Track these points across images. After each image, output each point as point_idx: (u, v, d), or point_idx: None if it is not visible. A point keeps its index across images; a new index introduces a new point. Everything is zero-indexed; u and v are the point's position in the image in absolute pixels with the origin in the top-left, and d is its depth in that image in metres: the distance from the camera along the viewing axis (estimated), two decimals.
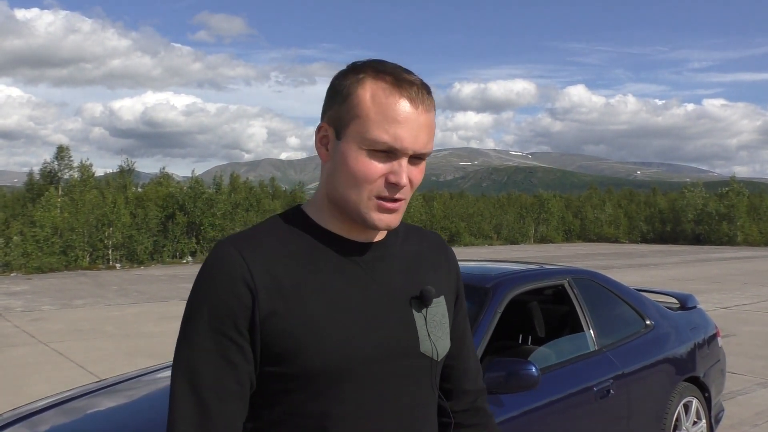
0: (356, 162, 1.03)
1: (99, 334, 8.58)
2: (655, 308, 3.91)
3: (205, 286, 1.05)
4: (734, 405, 5.33)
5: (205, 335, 1.03)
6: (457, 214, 35.04)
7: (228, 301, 1.02)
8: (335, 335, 1.04)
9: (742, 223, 36.71)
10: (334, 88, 1.07)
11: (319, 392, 1.04)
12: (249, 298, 1.02)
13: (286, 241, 1.09)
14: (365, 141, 1.02)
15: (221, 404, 1.02)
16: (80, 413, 2.77)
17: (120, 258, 20.40)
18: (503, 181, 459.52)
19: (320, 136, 1.09)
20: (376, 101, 1.02)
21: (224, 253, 1.04)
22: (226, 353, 1.02)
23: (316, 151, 1.13)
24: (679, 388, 3.68)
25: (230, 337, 1.02)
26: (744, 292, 13.25)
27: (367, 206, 1.05)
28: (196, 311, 1.04)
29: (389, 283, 1.12)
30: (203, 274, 1.06)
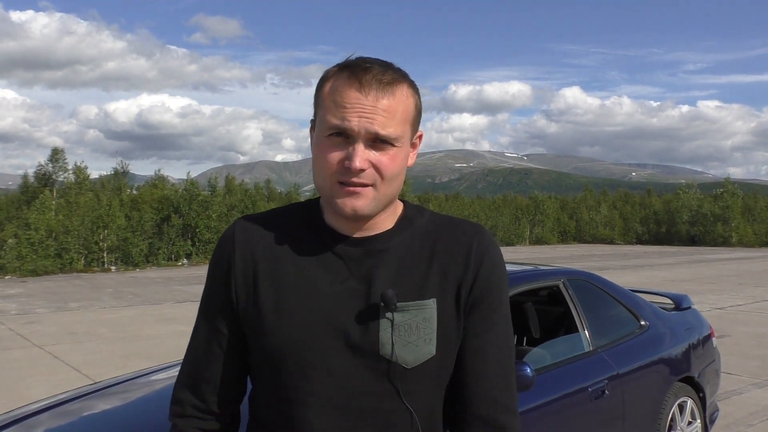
0: (318, 149, 1.09)
1: (94, 336, 8.56)
2: (650, 309, 3.92)
3: (210, 265, 1.20)
4: (729, 405, 5.35)
5: (204, 302, 1.20)
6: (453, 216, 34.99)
7: (216, 272, 1.17)
8: (295, 320, 1.10)
9: (736, 224, 36.84)
10: (318, 86, 1.14)
11: (284, 373, 1.11)
12: (229, 274, 1.15)
13: (283, 228, 1.17)
14: (323, 128, 1.08)
15: (208, 363, 1.18)
16: (75, 416, 2.77)
17: (115, 260, 20.35)
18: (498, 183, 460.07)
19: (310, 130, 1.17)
20: (332, 91, 1.08)
21: (227, 231, 1.19)
22: (214, 319, 1.18)
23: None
24: (674, 389, 3.69)
25: (218, 305, 1.17)
26: (739, 293, 13.30)
27: (332, 191, 1.09)
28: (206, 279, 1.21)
29: (369, 280, 1.12)
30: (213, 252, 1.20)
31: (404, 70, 1.13)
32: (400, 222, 1.18)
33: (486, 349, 1.16)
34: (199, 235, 22.65)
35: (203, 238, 22.67)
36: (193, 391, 1.19)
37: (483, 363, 1.15)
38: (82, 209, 20.14)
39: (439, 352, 1.12)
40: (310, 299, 1.10)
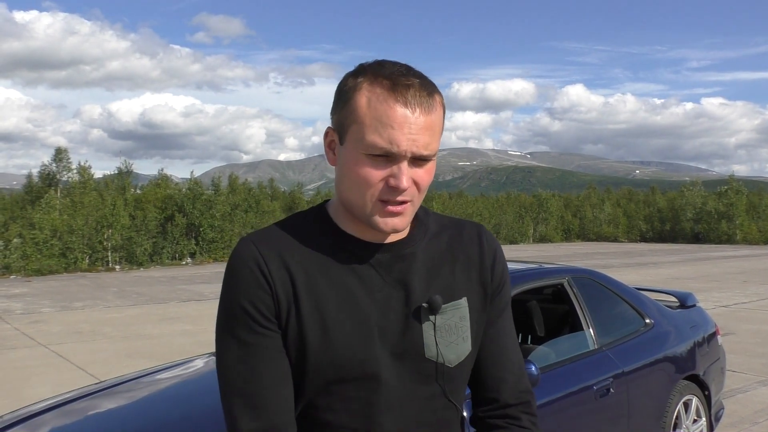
0: (357, 166, 1.05)
1: (98, 336, 8.58)
2: (654, 307, 3.91)
3: (233, 285, 1.08)
4: (734, 403, 5.34)
5: (240, 333, 1.07)
6: (456, 215, 35.06)
7: (253, 293, 1.07)
8: (341, 337, 1.08)
9: (741, 221, 36.75)
10: (338, 92, 1.09)
11: (326, 390, 1.09)
12: (269, 290, 1.07)
13: (303, 240, 1.12)
14: (363, 146, 1.03)
15: (267, 392, 1.07)
16: (80, 415, 2.77)
17: (119, 260, 20.40)
18: (502, 181, 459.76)
19: (328, 141, 1.11)
20: (371, 106, 1.03)
21: (244, 250, 1.09)
22: (261, 345, 1.07)
23: (324, 153, 1.14)
24: (679, 387, 3.68)
25: (261, 329, 1.07)
26: (743, 291, 13.26)
27: (372, 209, 1.06)
28: (230, 311, 1.08)
29: (405, 285, 1.13)
30: (230, 272, 1.09)
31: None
32: (416, 225, 1.18)
33: (505, 337, 1.23)
34: (202, 234, 22.68)
35: (207, 237, 22.70)
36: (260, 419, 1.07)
37: (505, 350, 1.23)
38: (87, 209, 20.19)
39: (473, 348, 1.17)
40: (354, 311, 1.09)
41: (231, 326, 1.08)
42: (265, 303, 1.07)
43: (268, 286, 1.06)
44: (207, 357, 3.38)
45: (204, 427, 2.46)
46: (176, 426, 2.51)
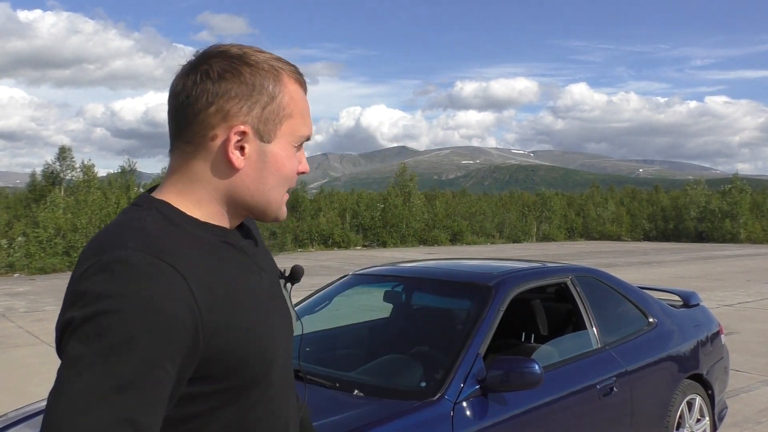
0: (289, 161, 1.02)
1: None
2: (658, 306, 3.91)
3: (136, 314, 0.84)
4: (738, 402, 5.33)
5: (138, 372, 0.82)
6: (460, 213, 35.03)
7: (169, 328, 0.85)
8: (265, 338, 0.99)
9: (744, 220, 36.67)
10: (250, 87, 0.98)
11: (252, 400, 0.98)
12: (192, 322, 0.88)
13: (192, 243, 0.96)
14: (296, 138, 1.02)
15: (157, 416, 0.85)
16: None
17: None
18: (505, 180, 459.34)
19: (231, 141, 0.98)
20: (295, 98, 1.02)
21: (155, 271, 0.87)
22: (161, 389, 0.85)
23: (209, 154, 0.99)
24: (682, 386, 3.68)
25: (165, 370, 0.85)
26: (747, 290, 13.23)
27: (280, 202, 1.06)
28: (125, 345, 0.82)
29: (267, 266, 1.11)
30: (131, 299, 0.84)
31: None
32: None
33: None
34: None
35: None
36: None
37: None
38: (90, 207, 20.23)
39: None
40: (262, 311, 1.01)
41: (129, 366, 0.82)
42: (182, 340, 0.86)
43: (193, 317, 0.88)
44: None
45: None
46: None
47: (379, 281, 3.73)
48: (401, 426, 2.27)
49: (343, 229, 30.18)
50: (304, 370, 2.83)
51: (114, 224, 0.97)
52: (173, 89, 1.00)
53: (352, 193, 37.49)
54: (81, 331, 0.84)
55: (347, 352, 3.45)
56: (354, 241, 30.14)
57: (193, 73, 0.98)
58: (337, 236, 29.55)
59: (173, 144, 1.02)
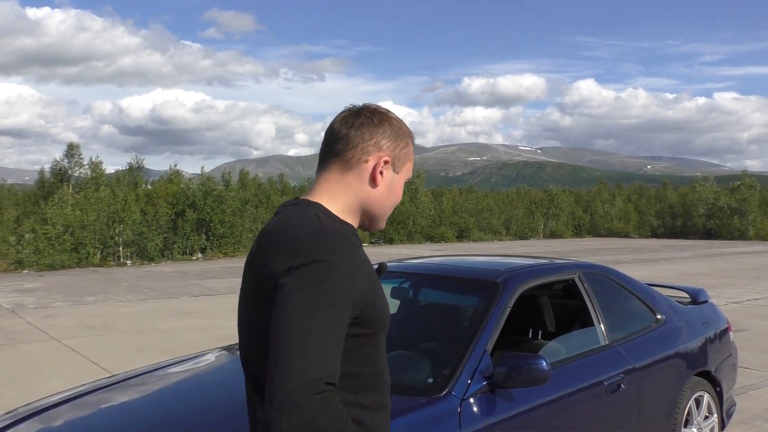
0: (401, 190, 1.51)
1: (111, 330, 8.64)
2: (666, 302, 3.90)
3: (339, 265, 1.28)
4: (746, 400, 5.31)
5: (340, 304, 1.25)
6: (466, 210, 34.97)
7: (355, 281, 1.30)
8: (385, 304, 1.44)
9: (753, 217, 36.42)
10: (396, 134, 1.46)
11: (380, 342, 1.42)
12: (361, 282, 1.32)
13: (350, 231, 1.42)
14: (407, 176, 1.50)
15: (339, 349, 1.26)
16: (93, 408, 2.80)
17: (131, 255, 20.51)
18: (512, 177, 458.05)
19: (380, 165, 1.44)
20: (411, 149, 1.51)
21: (346, 240, 1.34)
22: (345, 314, 1.27)
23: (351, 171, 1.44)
24: (690, 383, 3.67)
25: (349, 307, 1.28)
26: (756, 287, 13.17)
27: (387, 216, 1.51)
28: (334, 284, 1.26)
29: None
30: (338, 255, 1.28)
31: None
32: None
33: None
34: (213, 229, 22.76)
35: (217, 232, 22.78)
36: (333, 372, 1.22)
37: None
38: (98, 204, 20.31)
39: None
40: (378, 282, 1.44)
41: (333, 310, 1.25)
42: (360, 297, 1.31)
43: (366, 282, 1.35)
44: (218, 351, 3.40)
45: (214, 420, 2.48)
46: (187, 419, 2.53)
47: (386, 277, 3.73)
48: (408, 422, 2.27)
49: None
50: None
51: (292, 216, 1.39)
52: (338, 125, 1.45)
53: None
54: (302, 272, 1.24)
55: None
56: (360, 238, 30.11)
57: (355, 117, 1.44)
58: None
59: (328, 161, 1.45)
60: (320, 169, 1.46)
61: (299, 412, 1.14)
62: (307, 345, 1.18)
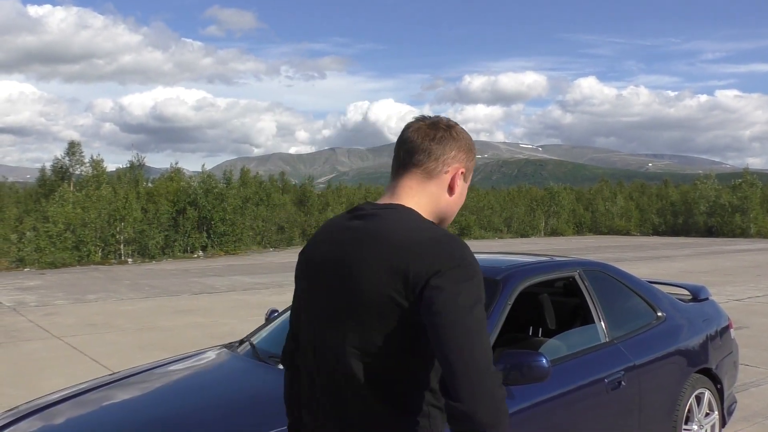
0: (465, 192, 1.61)
1: (112, 328, 8.65)
2: (667, 300, 3.89)
3: (478, 267, 1.38)
4: (747, 397, 5.31)
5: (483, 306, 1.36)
6: (467, 208, 34.95)
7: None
8: None
9: (755, 215, 36.38)
10: (469, 147, 1.57)
11: None
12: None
13: None
14: (469, 179, 1.60)
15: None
16: (94, 405, 2.80)
17: (132, 253, 20.54)
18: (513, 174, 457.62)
19: (457, 176, 1.55)
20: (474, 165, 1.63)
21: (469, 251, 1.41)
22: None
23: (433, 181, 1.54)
24: (691, 380, 3.67)
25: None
26: (757, 284, 13.16)
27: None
28: (478, 283, 1.36)
29: None
30: (477, 268, 1.37)
31: None
32: None
33: None
34: (214, 227, 22.78)
35: (218, 230, 22.79)
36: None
37: None
38: (100, 202, 20.32)
39: None
40: None
41: (482, 313, 1.34)
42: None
43: None
44: (218, 349, 3.40)
45: (215, 418, 2.48)
46: (188, 417, 2.53)
47: None
48: None
49: None
50: None
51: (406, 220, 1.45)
52: (418, 138, 1.53)
53: (360, 187, 37.51)
54: (457, 273, 1.33)
55: None
56: None
57: (435, 130, 1.53)
58: None
59: (409, 170, 1.53)
60: (399, 176, 1.54)
61: (493, 401, 1.26)
62: (481, 339, 1.29)
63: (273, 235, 26.01)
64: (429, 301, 1.30)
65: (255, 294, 11.98)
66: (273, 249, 25.41)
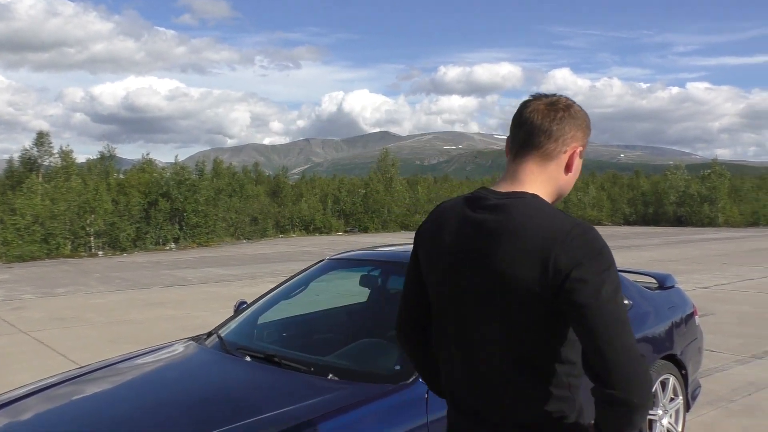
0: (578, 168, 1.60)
1: (81, 321, 8.53)
2: (633, 288, 3.95)
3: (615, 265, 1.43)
4: (711, 382, 5.42)
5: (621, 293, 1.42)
6: (441, 198, 35.03)
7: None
8: None
9: (723, 204, 37.12)
10: (586, 125, 1.57)
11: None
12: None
13: None
14: (582, 156, 1.59)
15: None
16: (61, 400, 2.76)
17: (102, 245, 20.24)
18: (488, 165, 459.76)
19: (576, 154, 1.56)
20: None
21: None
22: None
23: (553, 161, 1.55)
24: (656, 366, 3.74)
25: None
26: (723, 272, 13.44)
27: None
28: (617, 277, 1.42)
29: None
30: (612, 256, 1.43)
31: None
32: None
33: None
34: (186, 219, 22.55)
35: (191, 222, 22.57)
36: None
37: None
38: (69, 194, 19.97)
39: None
40: None
41: (623, 300, 1.40)
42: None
43: None
44: (186, 341, 3.37)
45: (182, 411, 2.46)
46: (154, 410, 2.51)
47: (355, 265, 3.73)
48: (375, 409, 2.28)
49: (325, 214, 30.12)
50: (279, 355, 2.83)
51: (539, 209, 1.46)
52: (537, 119, 1.53)
53: (334, 178, 37.40)
54: (598, 263, 1.38)
55: (323, 336, 3.45)
56: (335, 227, 30.09)
57: (554, 111, 1.53)
58: (319, 222, 29.48)
59: (528, 152, 1.54)
60: (519, 157, 1.56)
61: (646, 385, 1.34)
62: (627, 326, 1.36)
63: (246, 227, 25.84)
64: (574, 293, 1.35)
65: (228, 286, 11.89)
66: (246, 240, 25.25)
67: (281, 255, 18.56)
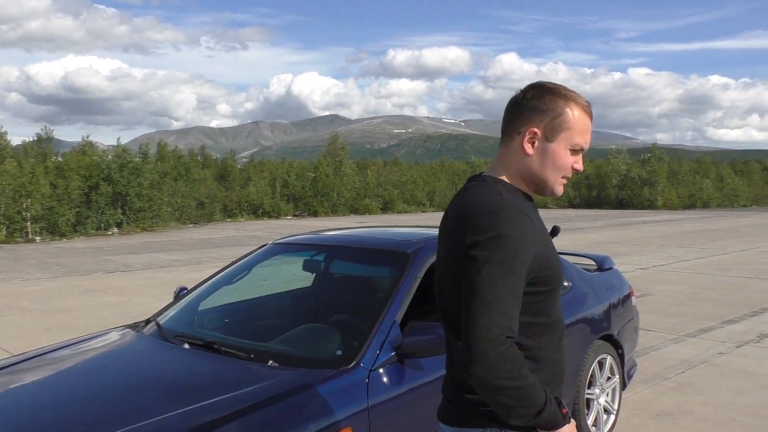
0: (563, 157, 1.63)
1: (15, 310, 8.22)
2: (573, 270, 4.03)
3: (515, 238, 1.49)
4: (647, 360, 5.61)
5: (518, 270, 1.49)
6: (391, 182, 35.15)
7: (527, 249, 1.51)
8: (558, 263, 1.64)
9: (662, 188, 38.40)
10: (545, 105, 1.61)
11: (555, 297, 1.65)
12: (534, 246, 1.53)
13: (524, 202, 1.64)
14: (570, 144, 1.63)
15: (517, 302, 1.49)
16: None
17: (40, 231, 19.54)
18: (437, 149, 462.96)
19: (529, 138, 1.62)
20: (577, 118, 1.62)
21: (521, 216, 1.53)
22: (522, 279, 1.51)
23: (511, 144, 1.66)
24: (594, 346, 3.83)
25: (524, 270, 1.51)
26: (661, 254, 13.91)
27: (555, 182, 1.65)
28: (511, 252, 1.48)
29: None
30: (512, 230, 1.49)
31: None
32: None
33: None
34: (129, 203, 21.97)
35: (134, 206, 22.00)
36: (513, 327, 1.47)
37: None
38: (3, 177, 19.17)
39: None
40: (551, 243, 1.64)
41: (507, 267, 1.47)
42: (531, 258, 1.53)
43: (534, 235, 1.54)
44: (123, 329, 3.28)
45: (116, 400, 2.39)
46: (89, 399, 2.43)
47: (299, 250, 3.69)
48: (314, 395, 2.25)
49: (273, 198, 29.81)
50: (219, 341, 2.77)
51: (481, 194, 1.59)
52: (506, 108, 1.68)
53: (283, 162, 36.97)
54: (487, 245, 1.47)
55: (266, 322, 3.40)
56: (284, 211, 29.83)
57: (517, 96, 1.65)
58: (267, 206, 29.16)
59: (501, 139, 1.69)
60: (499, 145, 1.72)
61: (485, 360, 1.41)
62: (493, 308, 1.44)
63: (192, 211, 25.35)
64: (466, 269, 1.50)
65: (172, 271, 11.65)
66: (193, 225, 24.79)
67: (228, 239, 18.28)
